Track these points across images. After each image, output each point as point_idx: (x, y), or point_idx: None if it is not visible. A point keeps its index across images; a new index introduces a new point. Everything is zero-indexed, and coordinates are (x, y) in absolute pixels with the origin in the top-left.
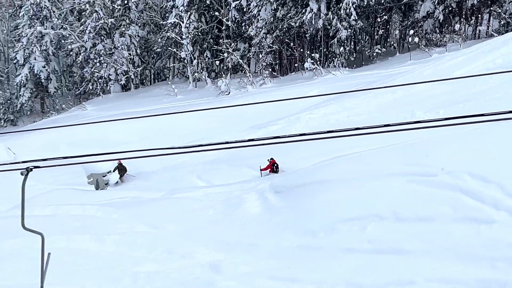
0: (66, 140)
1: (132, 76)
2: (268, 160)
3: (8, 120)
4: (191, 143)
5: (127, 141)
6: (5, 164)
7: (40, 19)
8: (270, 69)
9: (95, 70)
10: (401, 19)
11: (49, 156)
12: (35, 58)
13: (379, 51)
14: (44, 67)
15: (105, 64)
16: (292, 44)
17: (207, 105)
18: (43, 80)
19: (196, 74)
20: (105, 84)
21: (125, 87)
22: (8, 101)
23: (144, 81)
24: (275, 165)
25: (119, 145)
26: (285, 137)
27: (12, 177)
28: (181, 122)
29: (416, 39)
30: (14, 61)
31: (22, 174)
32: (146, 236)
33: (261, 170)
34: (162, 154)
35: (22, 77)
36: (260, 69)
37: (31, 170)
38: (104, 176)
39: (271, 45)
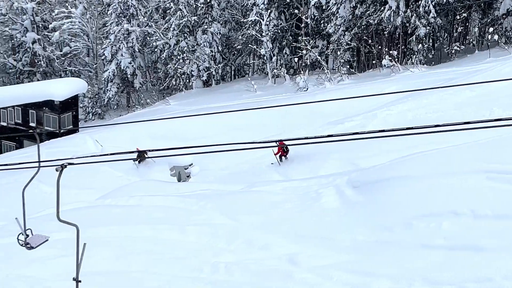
0: (149, 133)
1: (214, 72)
2: (276, 142)
3: (96, 114)
4: (269, 138)
5: (205, 135)
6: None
7: (127, 17)
8: (348, 66)
9: (178, 66)
10: (480, 16)
11: (133, 148)
12: (122, 55)
13: (458, 49)
14: (130, 63)
15: (188, 61)
16: (370, 41)
17: (286, 101)
18: (129, 76)
19: (275, 70)
20: (187, 80)
21: (207, 83)
22: (96, 96)
23: (224, 77)
24: (284, 147)
25: (197, 139)
26: (350, 134)
27: (98, 168)
28: (259, 117)
29: (496, 37)
30: (102, 57)
31: (57, 170)
32: (225, 228)
33: (275, 154)
34: (233, 149)
35: (109, 72)
36: (338, 66)
37: (65, 166)
38: (186, 169)
39: (349, 42)
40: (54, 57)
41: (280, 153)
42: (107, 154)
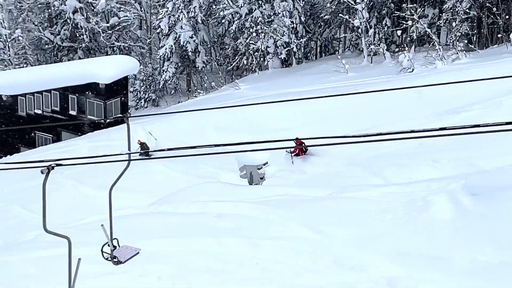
0: (214, 124)
1: (295, 49)
2: (294, 141)
3: (149, 100)
4: (364, 131)
5: (284, 127)
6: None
7: None
8: (466, 41)
9: (250, 42)
10: None
11: (195, 142)
12: (181, 27)
13: None
14: (191, 37)
15: (263, 34)
16: (495, 9)
17: (385, 85)
18: (190, 53)
19: (372, 46)
20: (262, 59)
21: (286, 62)
22: (150, 78)
23: (308, 55)
24: (303, 144)
25: (273, 132)
26: (435, 130)
27: (150, 166)
28: (351, 106)
29: None
30: (158, 30)
31: (42, 172)
32: (308, 243)
33: (291, 153)
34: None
35: (166, 49)
36: (453, 41)
37: (53, 168)
38: (259, 169)
39: (467, 10)
40: (99, 30)
41: (296, 151)
42: (101, 156)
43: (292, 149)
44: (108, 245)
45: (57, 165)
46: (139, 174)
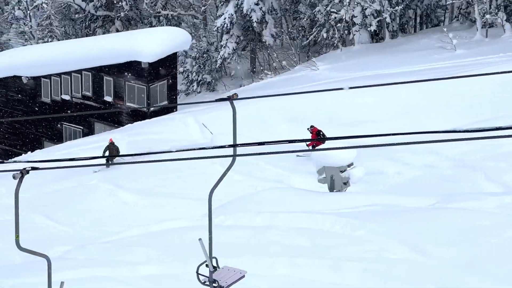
0: (284, 114)
1: (388, 19)
2: (308, 129)
3: (203, 83)
4: (478, 125)
5: (373, 118)
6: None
7: None
8: None
9: (332, 10)
10: None
11: (262, 137)
12: None
13: None
14: (257, 4)
15: (348, 1)
16: None
17: (506, 65)
18: (255, 24)
19: (487, 16)
20: (346, 31)
21: (376, 36)
22: (205, 55)
23: (405, 26)
24: (321, 133)
25: (360, 125)
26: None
27: (207, 166)
28: (461, 92)
29: None
30: None
31: (14, 177)
32: (407, 266)
33: (308, 145)
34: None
35: (225, 19)
36: None
37: (27, 172)
38: (343, 172)
39: None
40: None
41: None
42: (98, 157)
43: (309, 142)
44: (206, 265)
45: (33, 168)
46: (191, 176)
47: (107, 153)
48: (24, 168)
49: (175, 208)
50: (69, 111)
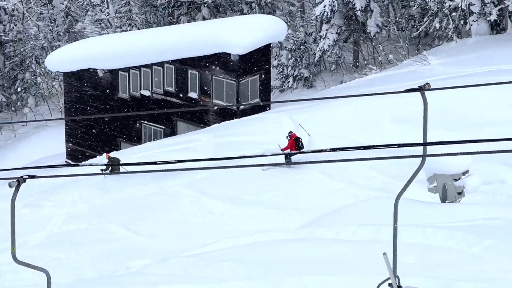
0: (392, 113)
1: (511, 8)
2: (287, 136)
3: (300, 79)
4: None
5: (494, 119)
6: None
7: None
8: None
9: None
10: None
11: (364, 139)
12: None
13: None
14: None
15: None
16: None
17: None
18: (358, 13)
19: None
20: (462, 21)
21: (497, 27)
22: (302, 47)
23: None
24: (299, 141)
25: (478, 128)
26: None
27: (303, 173)
28: None
29: None
30: None
31: (10, 186)
32: None
33: (282, 150)
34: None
35: (325, 7)
36: None
37: (24, 181)
38: (456, 180)
39: None
40: None
41: (289, 148)
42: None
43: (284, 147)
44: (389, 285)
45: (30, 176)
46: (285, 183)
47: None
48: (21, 176)
49: (267, 219)
50: (149, 109)
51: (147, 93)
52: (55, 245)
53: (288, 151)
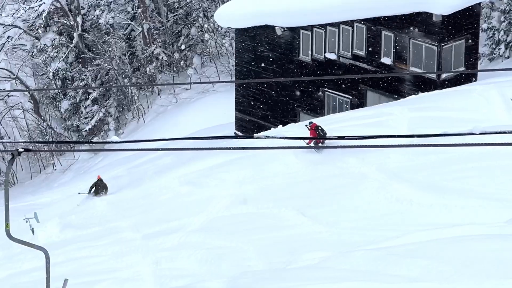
0: None
1: None
2: (307, 126)
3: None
4: None
5: None
6: None
7: None
8: None
9: None
10: None
11: None
12: None
13: None
14: None
15: None
16: None
17: None
18: None
19: None
20: None
21: None
22: None
23: None
24: (319, 129)
25: None
26: None
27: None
28: None
29: None
30: None
31: (4, 160)
32: None
33: (307, 144)
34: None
35: None
36: None
37: (19, 154)
38: None
39: None
40: None
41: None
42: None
43: (309, 140)
44: None
45: (25, 150)
46: (493, 169)
47: (93, 190)
48: (16, 149)
49: (467, 210)
50: (334, 75)
51: (332, 56)
52: (218, 231)
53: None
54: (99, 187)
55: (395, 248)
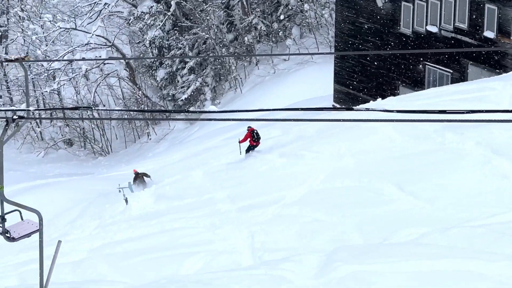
0: None
1: None
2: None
3: None
4: None
5: None
6: None
7: None
8: None
9: None
10: None
11: None
12: None
13: None
14: None
15: None
16: None
17: None
18: None
19: None
20: None
21: None
22: None
23: None
24: (255, 133)
25: None
26: None
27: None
28: None
29: None
30: None
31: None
32: None
33: (239, 142)
34: None
35: None
36: None
37: (13, 121)
38: None
39: None
40: None
41: (246, 140)
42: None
43: (242, 139)
44: None
45: (20, 117)
46: None
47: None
48: (12, 117)
49: None
50: (435, 48)
51: (434, 29)
52: (315, 204)
53: (245, 143)
54: (140, 180)
55: (495, 226)
